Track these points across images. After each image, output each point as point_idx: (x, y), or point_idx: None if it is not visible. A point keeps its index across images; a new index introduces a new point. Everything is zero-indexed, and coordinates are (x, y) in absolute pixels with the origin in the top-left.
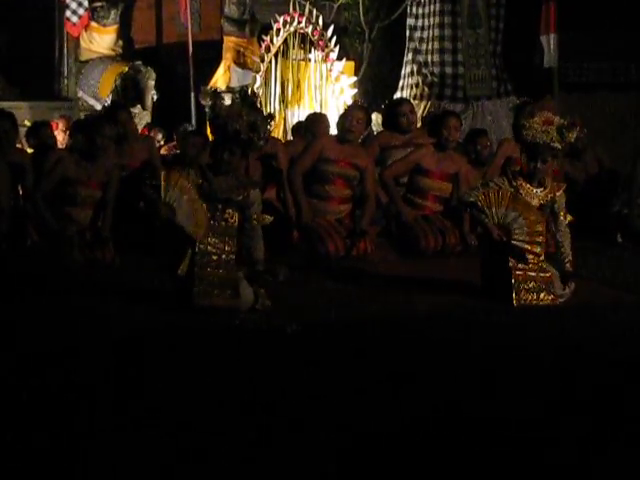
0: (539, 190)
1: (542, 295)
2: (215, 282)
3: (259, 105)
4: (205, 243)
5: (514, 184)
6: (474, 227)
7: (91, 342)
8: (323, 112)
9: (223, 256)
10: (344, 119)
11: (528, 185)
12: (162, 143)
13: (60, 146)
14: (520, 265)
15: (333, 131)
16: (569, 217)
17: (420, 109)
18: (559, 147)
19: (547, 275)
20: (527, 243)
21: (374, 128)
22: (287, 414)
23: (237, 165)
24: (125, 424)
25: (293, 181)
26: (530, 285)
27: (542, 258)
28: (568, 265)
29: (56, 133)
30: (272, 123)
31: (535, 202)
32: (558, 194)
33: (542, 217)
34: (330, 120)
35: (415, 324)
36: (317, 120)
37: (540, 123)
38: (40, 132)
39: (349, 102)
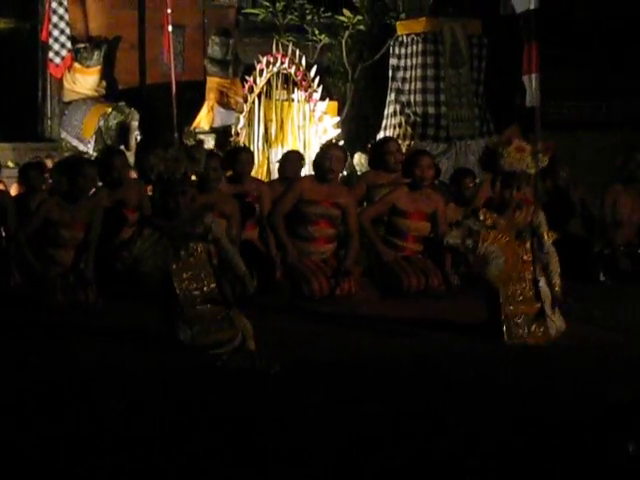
0: (517, 215)
1: (533, 327)
2: (208, 318)
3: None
4: (184, 283)
5: (487, 223)
6: (458, 266)
7: (72, 383)
8: (302, 151)
9: (205, 289)
10: (323, 159)
11: (501, 218)
12: None
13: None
14: (510, 300)
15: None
16: (553, 235)
17: (403, 149)
18: (533, 172)
19: (537, 306)
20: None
21: (357, 168)
22: (269, 456)
23: (186, 203)
24: (103, 466)
25: (274, 224)
26: (520, 320)
27: (530, 291)
28: (557, 289)
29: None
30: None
31: (513, 231)
32: (536, 215)
33: (522, 251)
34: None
35: (401, 365)
36: (288, 159)
37: (514, 151)
38: (29, 174)
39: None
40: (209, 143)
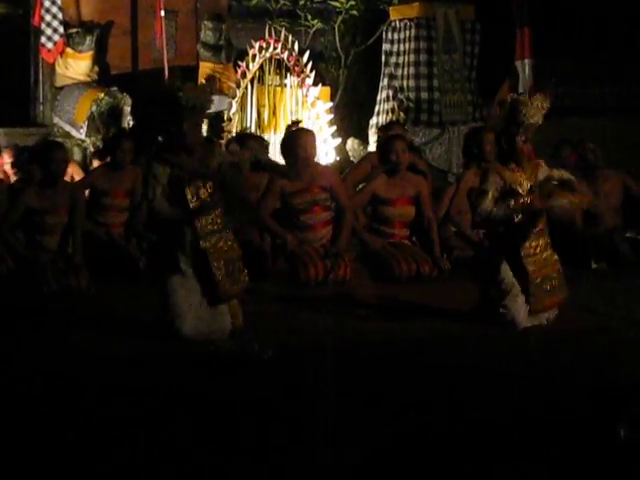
0: (525, 173)
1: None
2: (229, 262)
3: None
4: (204, 224)
5: (507, 178)
6: (449, 250)
7: (68, 369)
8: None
9: (222, 229)
10: (296, 148)
11: (515, 172)
12: None
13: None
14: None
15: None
16: (565, 173)
17: None
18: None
19: (558, 267)
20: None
21: (350, 153)
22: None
23: (196, 138)
24: (100, 454)
25: (263, 223)
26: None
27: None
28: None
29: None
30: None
31: (525, 186)
32: (540, 169)
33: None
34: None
35: (396, 350)
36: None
37: (539, 101)
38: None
39: (325, 127)
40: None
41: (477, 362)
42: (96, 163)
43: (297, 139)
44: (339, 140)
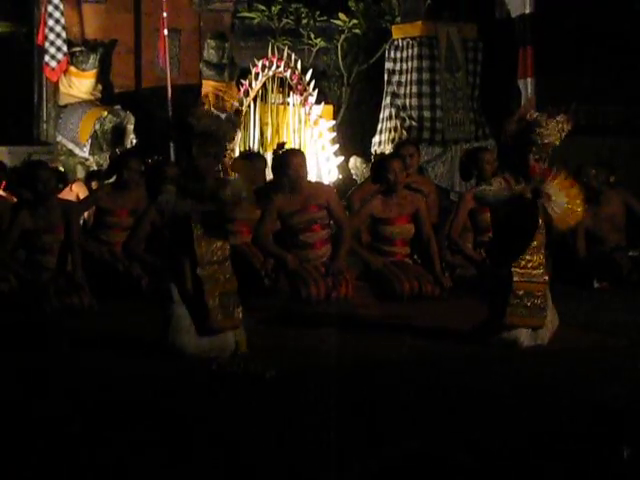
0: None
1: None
2: (223, 295)
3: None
4: (204, 253)
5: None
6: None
7: (69, 387)
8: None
9: (223, 261)
10: (287, 170)
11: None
12: None
13: None
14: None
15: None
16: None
17: None
18: (557, 143)
19: (545, 279)
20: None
21: (353, 171)
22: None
23: (212, 168)
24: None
25: (261, 246)
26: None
27: (541, 265)
28: None
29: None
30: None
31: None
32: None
33: None
34: (309, 164)
35: (399, 369)
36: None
37: (552, 122)
38: None
39: (328, 146)
40: None
41: (479, 382)
42: (95, 184)
43: (287, 161)
44: (342, 158)
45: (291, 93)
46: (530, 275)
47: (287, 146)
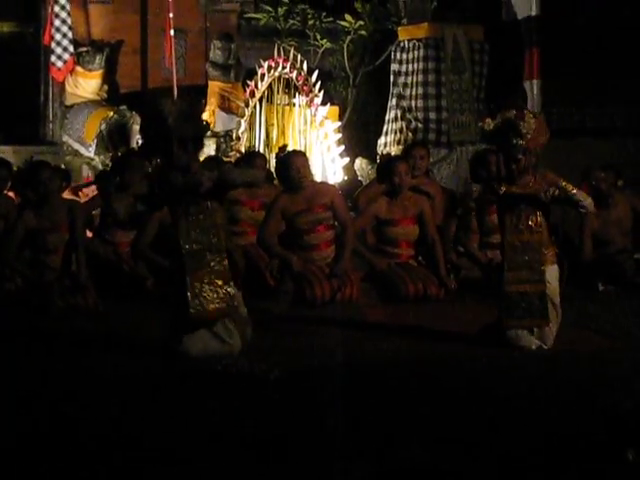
0: (530, 184)
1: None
2: (210, 285)
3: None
4: (189, 242)
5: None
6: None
7: (75, 388)
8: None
9: (213, 249)
10: (289, 171)
11: (514, 188)
12: None
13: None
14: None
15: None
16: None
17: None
18: (522, 142)
19: (542, 288)
20: None
21: (358, 173)
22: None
23: (189, 160)
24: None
25: (265, 247)
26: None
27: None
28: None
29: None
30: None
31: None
32: (548, 177)
33: (532, 220)
34: (314, 165)
35: (405, 370)
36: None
37: (533, 121)
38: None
39: (333, 147)
40: (210, 147)
41: (483, 384)
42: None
43: (289, 163)
44: (347, 160)
45: (297, 94)
46: (522, 277)
47: (292, 147)
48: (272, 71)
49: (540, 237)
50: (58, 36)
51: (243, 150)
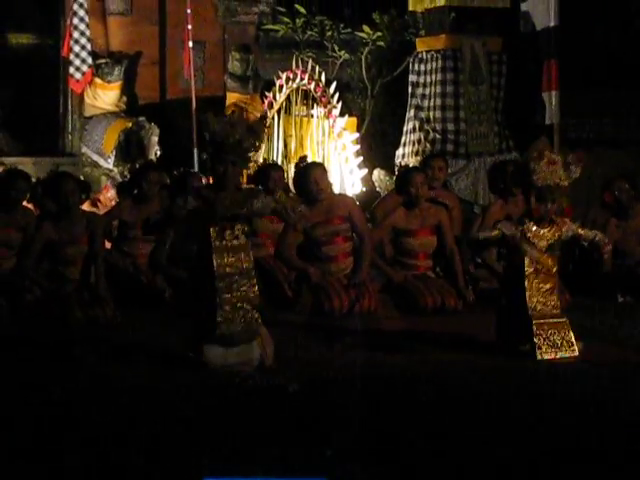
0: (546, 230)
1: (562, 342)
2: (238, 308)
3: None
4: (223, 265)
5: (520, 228)
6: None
7: (93, 399)
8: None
9: (244, 273)
10: (307, 183)
11: (535, 227)
12: None
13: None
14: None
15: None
16: (598, 234)
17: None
18: (566, 184)
19: (563, 321)
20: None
21: (376, 184)
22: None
23: (237, 177)
24: None
25: (284, 259)
26: (552, 338)
27: (556, 305)
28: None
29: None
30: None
31: (543, 244)
32: (564, 228)
33: (551, 263)
34: (332, 176)
35: (424, 382)
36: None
37: (546, 165)
38: None
39: (351, 158)
40: None
41: (502, 396)
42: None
43: (307, 174)
44: (365, 171)
45: (315, 105)
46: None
47: (311, 159)
48: (290, 82)
49: (550, 261)
50: (77, 48)
51: (261, 161)
